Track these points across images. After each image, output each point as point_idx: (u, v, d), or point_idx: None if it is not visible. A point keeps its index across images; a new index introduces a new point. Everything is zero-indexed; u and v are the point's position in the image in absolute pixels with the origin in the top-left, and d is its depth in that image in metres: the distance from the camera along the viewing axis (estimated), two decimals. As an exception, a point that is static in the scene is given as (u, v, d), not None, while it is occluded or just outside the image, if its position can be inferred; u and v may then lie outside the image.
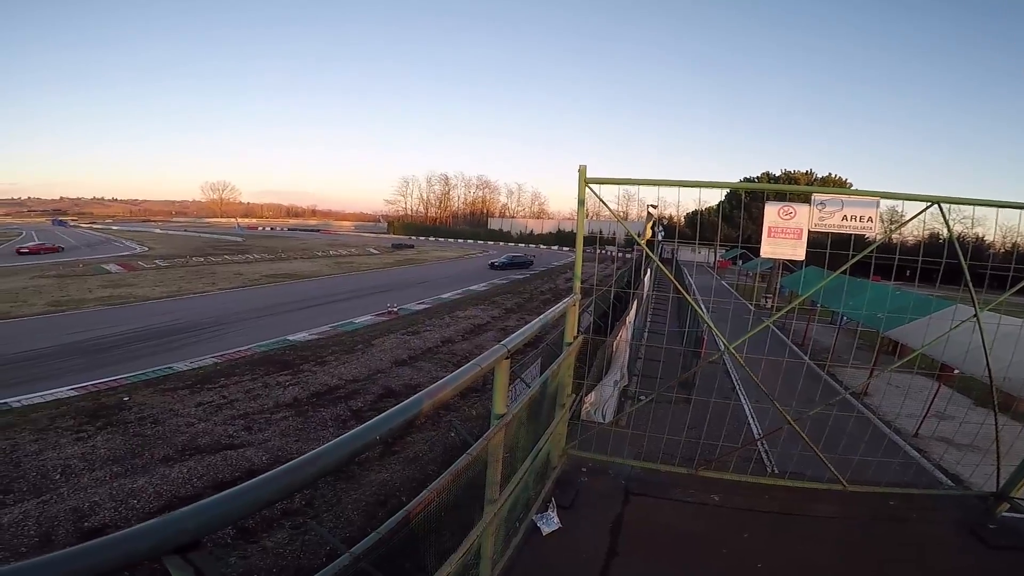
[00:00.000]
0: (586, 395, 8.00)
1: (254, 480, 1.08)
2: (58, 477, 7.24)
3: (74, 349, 13.88)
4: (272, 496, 1.11)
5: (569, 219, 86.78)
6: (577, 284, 3.50)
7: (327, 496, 6.98)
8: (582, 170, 3.12)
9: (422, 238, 75.55)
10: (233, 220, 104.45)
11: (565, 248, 64.67)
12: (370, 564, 1.58)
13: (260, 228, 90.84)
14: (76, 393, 10.55)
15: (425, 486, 1.68)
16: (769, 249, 3.11)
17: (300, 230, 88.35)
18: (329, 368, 12.47)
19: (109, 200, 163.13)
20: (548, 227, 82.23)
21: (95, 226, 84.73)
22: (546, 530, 2.87)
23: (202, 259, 35.95)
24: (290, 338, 15.41)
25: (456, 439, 8.56)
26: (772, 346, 5.41)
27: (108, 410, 9.59)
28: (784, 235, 3.07)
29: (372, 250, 48.52)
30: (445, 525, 1.79)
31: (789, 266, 21.97)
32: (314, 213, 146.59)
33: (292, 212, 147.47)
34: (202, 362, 12.86)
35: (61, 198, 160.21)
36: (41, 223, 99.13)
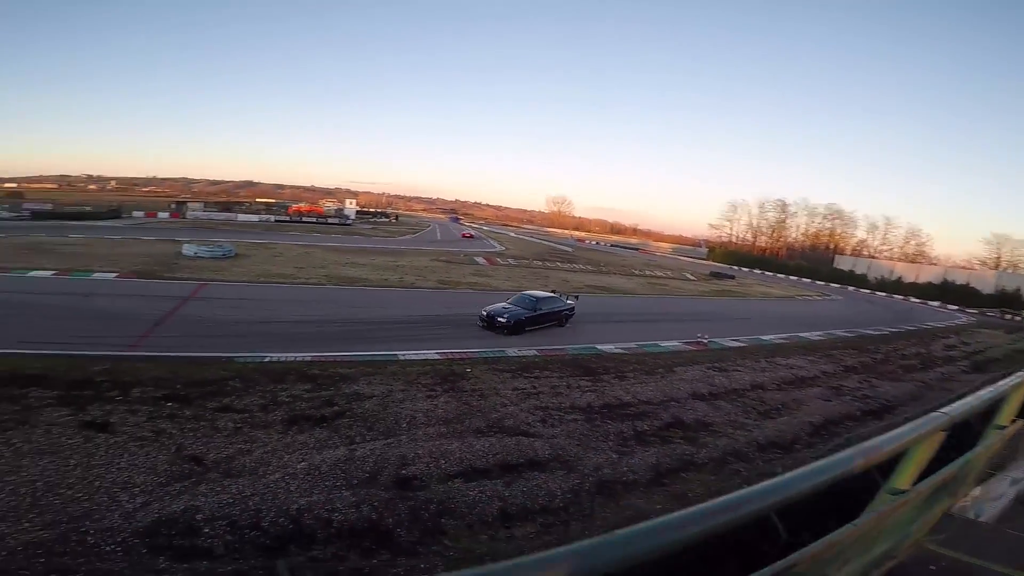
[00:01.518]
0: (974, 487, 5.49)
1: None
2: (404, 425, 8.59)
3: (445, 320, 17.65)
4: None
5: (961, 267, 65.04)
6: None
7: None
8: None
9: (745, 269, 68.61)
10: (567, 232, 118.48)
11: (951, 306, 48.72)
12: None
13: (587, 241, 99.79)
14: (439, 357, 12.95)
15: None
16: None
17: (620, 247, 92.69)
18: (627, 384, 12.39)
19: (484, 205, 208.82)
20: (927, 275, 61.63)
21: (472, 225, 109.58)
22: None
23: (540, 263, 41.88)
24: (598, 347, 16.01)
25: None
26: None
27: (455, 377, 11.35)
28: None
29: (688, 275, 47.16)
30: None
31: None
32: (635, 231, 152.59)
33: (615, 229, 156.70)
34: (527, 352, 14.49)
35: (456, 200, 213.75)
36: (440, 218, 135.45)
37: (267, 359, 11.59)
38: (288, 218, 65.48)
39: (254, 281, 21.49)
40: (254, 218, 61.37)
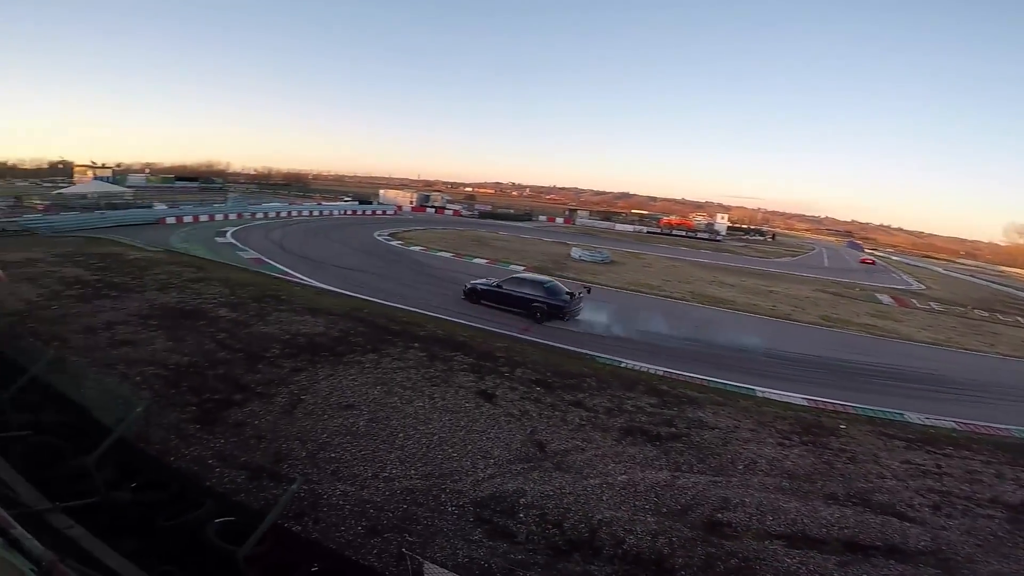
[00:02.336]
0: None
1: None
2: (740, 468, 7.57)
3: (820, 363, 14.64)
4: None
5: None
6: None
7: None
8: None
9: None
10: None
11: None
12: None
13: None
14: (804, 403, 11.00)
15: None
16: None
17: None
18: None
19: (895, 229, 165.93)
20: None
21: (876, 253, 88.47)
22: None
23: (985, 313, 29.98)
24: None
25: None
26: None
27: (819, 430, 9.43)
28: None
29: None
30: None
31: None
32: None
33: None
34: (939, 423, 10.69)
35: (852, 221, 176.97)
36: (830, 241, 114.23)
37: (623, 364, 11.99)
38: (659, 230, 68.05)
39: (623, 288, 22.94)
40: (629, 228, 66.56)
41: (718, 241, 65.44)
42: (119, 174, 64.53)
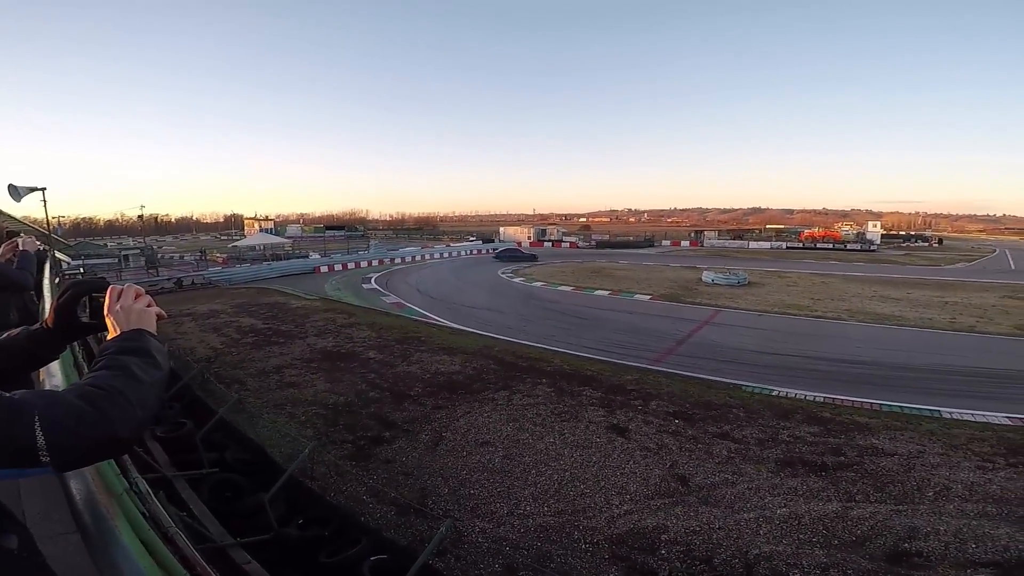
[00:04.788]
0: None
1: None
2: (930, 495, 6.61)
3: (1020, 376, 12.05)
4: None
5: None
6: None
7: None
8: None
9: None
10: None
11: None
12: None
13: None
14: (1008, 423, 9.23)
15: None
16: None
17: None
18: None
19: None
20: None
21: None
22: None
23: None
24: None
25: None
26: None
27: None
28: None
29: None
30: None
31: None
32: None
33: None
34: None
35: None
36: (1014, 241, 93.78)
37: (774, 392, 10.83)
38: (800, 244, 61.58)
39: (767, 311, 20.82)
40: (765, 245, 61.18)
41: (872, 251, 57.11)
42: (279, 225, 75.72)
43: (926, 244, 75.34)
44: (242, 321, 17.42)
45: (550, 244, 62.19)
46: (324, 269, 35.64)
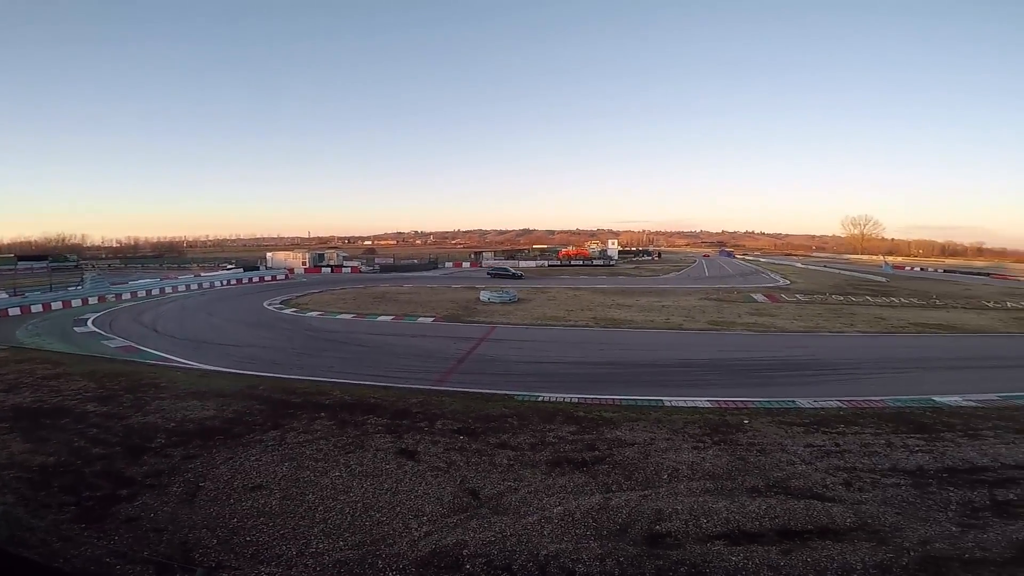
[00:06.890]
0: None
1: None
2: (665, 477, 7.77)
3: (715, 365, 15.86)
4: None
5: None
6: None
7: None
8: None
9: None
10: (879, 258, 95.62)
11: None
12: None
13: (907, 268, 78.94)
14: (709, 405, 11.74)
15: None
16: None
17: (960, 272, 70.27)
18: (981, 444, 8.91)
19: (758, 234, 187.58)
20: None
21: (747, 257, 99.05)
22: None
23: (841, 297, 34.51)
24: (936, 399, 12.15)
25: None
26: None
27: (727, 428, 9.98)
28: None
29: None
30: None
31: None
32: (980, 252, 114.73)
33: (948, 250, 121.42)
34: (826, 403, 11.87)
35: (722, 231, 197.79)
36: (705, 252, 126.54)
37: (540, 398, 12.11)
38: (559, 262, 70.95)
39: (532, 324, 23.44)
40: (532, 264, 68.71)
41: (612, 265, 69.57)
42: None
43: (650, 258, 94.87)
44: None
45: (329, 270, 58.92)
46: (16, 312, 27.18)
